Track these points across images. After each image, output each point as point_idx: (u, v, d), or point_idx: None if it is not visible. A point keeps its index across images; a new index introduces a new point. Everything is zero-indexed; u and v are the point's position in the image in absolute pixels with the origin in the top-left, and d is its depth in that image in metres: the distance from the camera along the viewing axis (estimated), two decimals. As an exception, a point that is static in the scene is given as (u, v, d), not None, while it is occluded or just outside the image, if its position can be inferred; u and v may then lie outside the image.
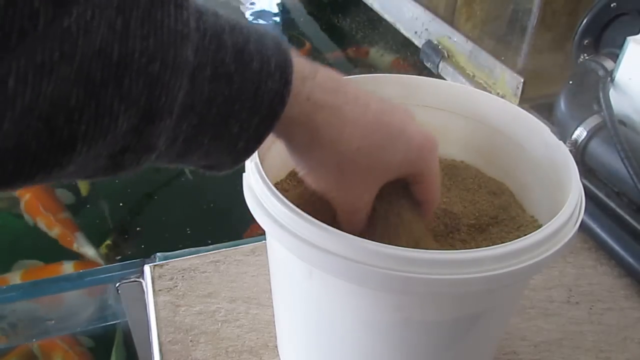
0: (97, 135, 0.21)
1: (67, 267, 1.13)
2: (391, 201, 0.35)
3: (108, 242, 1.22)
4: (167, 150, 0.25)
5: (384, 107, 0.32)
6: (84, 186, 1.31)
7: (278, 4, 2.21)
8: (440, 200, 0.43)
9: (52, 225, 1.21)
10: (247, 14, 2.16)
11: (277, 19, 2.20)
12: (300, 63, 0.29)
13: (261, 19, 2.16)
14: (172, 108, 0.23)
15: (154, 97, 0.22)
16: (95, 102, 0.21)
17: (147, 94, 0.22)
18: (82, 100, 0.20)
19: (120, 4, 0.20)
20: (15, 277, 1.12)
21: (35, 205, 1.24)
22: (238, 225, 1.19)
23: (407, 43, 1.09)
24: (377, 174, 0.33)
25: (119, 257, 1.22)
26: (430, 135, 0.33)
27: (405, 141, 0.32)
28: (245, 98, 0.26)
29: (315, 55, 1.73)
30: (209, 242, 0.60)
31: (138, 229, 1.30)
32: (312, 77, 0.29)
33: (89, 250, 1.19)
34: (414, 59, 1.43)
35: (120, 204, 1.34)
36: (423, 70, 1.01)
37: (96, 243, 1.21)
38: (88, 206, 1.32)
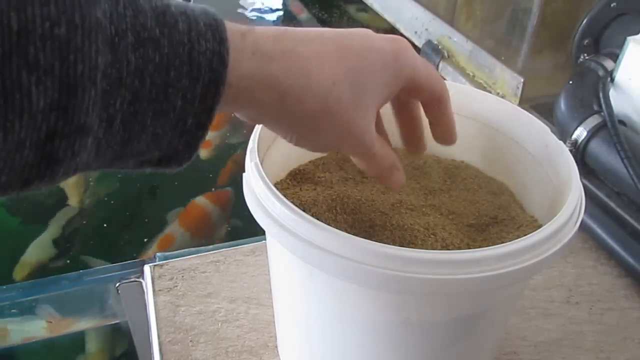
0: (10, 115, 0.20)
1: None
2: None
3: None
4: (106, 136, 0.23)
5: (340, 32, 0.30)
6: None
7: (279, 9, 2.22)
8: (439, 199, 0.43)
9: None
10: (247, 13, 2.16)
11: (277, 16, 2.20)
12: (232, 22, 0.26)
13: (262, 16, 2.17)
14: (94, 77, 0.21)
15: (69, 64, 0.20)
16: (0, 77, 0.19)
17: (60, 61, 0.20)
18: None
19: None
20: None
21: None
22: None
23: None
24: (367, 100, 0.30)
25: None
26: (397, 37, 0.31)
27: (378, 56, 0.30)
28: (180, 63, 0.24)
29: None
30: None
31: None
32: (250, 32, 0.27)
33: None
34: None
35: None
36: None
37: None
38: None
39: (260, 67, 0.26)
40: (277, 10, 2.22)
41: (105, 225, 1.30)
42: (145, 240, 1.26)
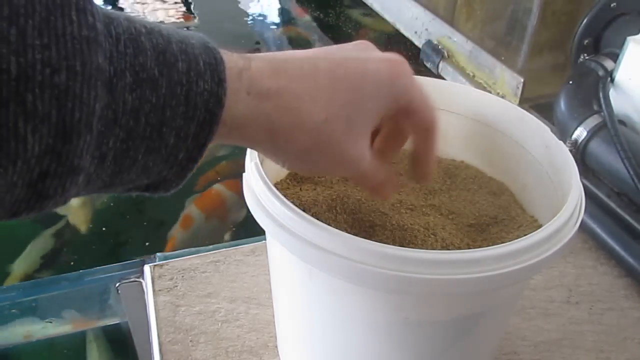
0: (4, 161, 0.19)
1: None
2: None
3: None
4: (97, 170, 0.23)
5: (335, 59, 0.29)
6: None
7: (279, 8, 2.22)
8: (439, 199, 0.43)
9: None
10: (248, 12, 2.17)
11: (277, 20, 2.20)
12: (231, 58, 0.26)
13: (261, 18, 2.17)
14: (90, 122, 0.21)
15: (67, 111, 0.20)
16: None
17: (57, 109, 0.20)
18: None
19: (12, 15, 0.19)
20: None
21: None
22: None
23: (406, 42, 1.09)
24: (361, 129, 0.30)
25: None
26: (394, 57, 0.31)
27: (372, 81, 0.29)
28: (176, 104, 0.23)
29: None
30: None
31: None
32: (246, 68, 0.26)
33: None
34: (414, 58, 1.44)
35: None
36: (423, 70, 1.02)
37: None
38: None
39: (254, 107, 0.26)
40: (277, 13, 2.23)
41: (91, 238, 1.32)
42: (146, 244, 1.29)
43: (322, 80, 0.28)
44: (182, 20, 2.14)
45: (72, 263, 1.27)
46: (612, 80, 0.61)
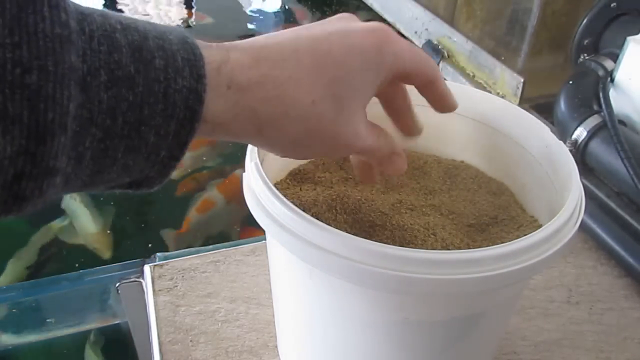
0: None
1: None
2: None
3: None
4: (75, 171, 0.22)
5: (316, 36, 0.28)
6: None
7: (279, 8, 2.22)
8: (439, 199, 0.43)
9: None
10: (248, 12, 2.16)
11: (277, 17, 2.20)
12: (210, 52, 0.25)
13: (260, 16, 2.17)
14: (64, 123, 0.20)
15: (39, 112, 0.19)
16: None
17: (29, 110, 0.19)
18: None
19: None
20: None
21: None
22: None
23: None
24: (352, 105, 0.29)
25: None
26: (377, 25, 0.30)
27: (358, 54, 0.28)
28: (154, 101, 0.23)
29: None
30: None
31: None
32: (225, 61, 0.25)
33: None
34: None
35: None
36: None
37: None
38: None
39: (237, 101, 0.26)
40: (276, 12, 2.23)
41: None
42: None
43: (305, 61, 0.27)
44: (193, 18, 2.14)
45: (76, 265, 1.26)
46: (612, 80, 0.61)
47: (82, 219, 1.33)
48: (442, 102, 0.35)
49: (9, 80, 0.19)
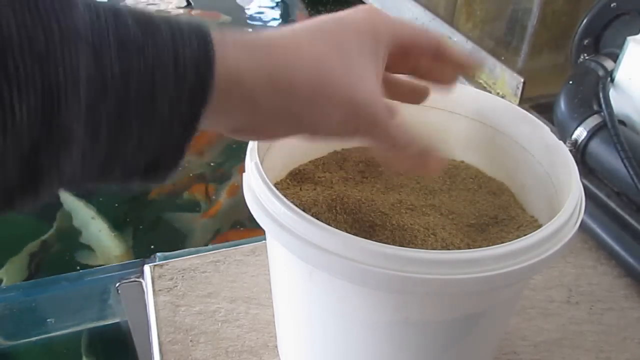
0: None
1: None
2: None
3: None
4: (92, 142, 0.22)
5: (312, 23, 0.29)
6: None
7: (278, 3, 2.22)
8: (439, 199, 0.43)
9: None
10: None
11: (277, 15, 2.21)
12: (217, 29, 0.26)
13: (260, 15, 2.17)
14: (76, 82, 0.20)
15: (50, 71, 0.20)
16: None
17: (39, 70, 0.19)
18: None
19: None
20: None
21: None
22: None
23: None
24: (361, 65, 0.29)
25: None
26: (367, 7, 0.31)
27: (353, 29, 0.29)
28: (165, 69, 0.23)
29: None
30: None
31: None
32: (226, 33, 0.26)
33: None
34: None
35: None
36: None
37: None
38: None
39: (245, 58, 0.26)
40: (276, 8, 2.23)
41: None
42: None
43: (301, 35, 0.28)
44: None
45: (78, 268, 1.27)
46: (612, 80, 0.61)
47: (105, 243, 1.32)
48: (460, 63, 0.34)
49: (17, 44, 0.19)
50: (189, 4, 2.21)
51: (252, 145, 0.37)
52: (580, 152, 0.60)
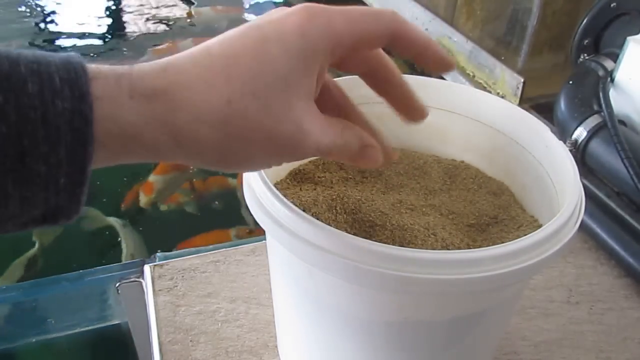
0: None
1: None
2: None
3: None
4: None
5: (232, 36, 0.26)
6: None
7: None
8: (439, 199, 0.43)
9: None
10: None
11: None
12: (108, 68, 0.24)
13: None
14: None
15: None
16: None
17: None
18: None
19: None
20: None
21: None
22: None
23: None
24: (285, 99, 0.26)
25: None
26: (299, 6, 0.26)
27: (276, 42, 0.25)
28: (33, 130, 0.21)
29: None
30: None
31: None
32: (127, 73, 0.24)
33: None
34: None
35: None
36: (423, 70, 1.02)
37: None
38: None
39: (143, 111, 0.24)
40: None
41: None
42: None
43: (217, 63, 0.25)
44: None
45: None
46: (612, 80, 0.61)
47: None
48: (430, 52, 0.29)
49: None
50: (189, 2, 2.21)
51: None
52: (580, 152, 0.60)
